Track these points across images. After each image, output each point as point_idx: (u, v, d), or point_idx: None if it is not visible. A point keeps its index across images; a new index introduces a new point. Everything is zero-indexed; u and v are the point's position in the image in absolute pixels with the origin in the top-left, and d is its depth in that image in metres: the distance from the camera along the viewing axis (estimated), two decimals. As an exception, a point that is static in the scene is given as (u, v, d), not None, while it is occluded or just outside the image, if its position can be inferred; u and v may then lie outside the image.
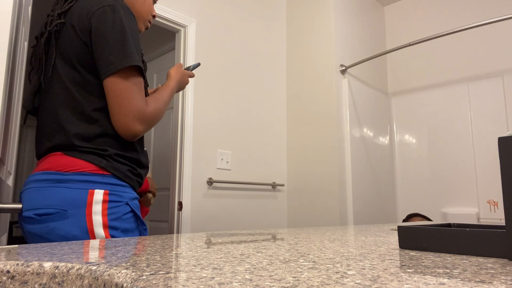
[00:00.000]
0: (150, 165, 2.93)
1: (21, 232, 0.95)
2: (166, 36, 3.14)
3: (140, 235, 0.99)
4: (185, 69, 1.23)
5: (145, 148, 1.10)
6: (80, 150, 0.93)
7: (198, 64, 1.29)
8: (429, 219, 2.66)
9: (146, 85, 1.08)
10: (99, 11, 0.93)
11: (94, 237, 0.89)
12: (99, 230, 0.89)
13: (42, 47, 1.01)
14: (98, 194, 0.90)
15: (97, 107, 0.95)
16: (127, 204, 0.96)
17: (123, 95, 0.91)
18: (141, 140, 1.07)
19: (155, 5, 2.23)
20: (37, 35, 1.05)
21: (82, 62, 0.94)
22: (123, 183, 0.96)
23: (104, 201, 0.91)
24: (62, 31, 0.97)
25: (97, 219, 0.89)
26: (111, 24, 0.92)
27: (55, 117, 0.95)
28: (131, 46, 0.93)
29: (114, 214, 0.92)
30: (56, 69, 0.97)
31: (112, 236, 0.91)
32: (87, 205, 0.89)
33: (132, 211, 0.97)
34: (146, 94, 1.07)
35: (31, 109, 1.06)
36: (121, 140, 0.98)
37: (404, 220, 2.61)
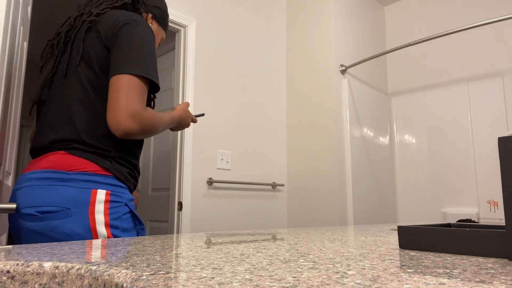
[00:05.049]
0: (150, 165, 2.94)
1: (13, 229, 0.96)
2: (166, 36, 3.14)
3: (137, 235, 1.02)
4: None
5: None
6: (84, 149, 0.95)
7: (203, 114, 1.39)
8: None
9: (153, 98, 1.14)
10: (123, 22, 0.99)
11: (96, 235, 0.91)
12: (101, 228, 0.92)
13: (70, 38, 1.04)
14: (101, 194, 0.93)
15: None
16: (126, 204, 0.99)
17: (124, 90, 0.93)
18: (140, 147, 1.10)
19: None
20: (60, 31, 1.08)
21: (100, 64, 0.98)
22: (123, 184, 1.00)
23: (106, 201, 0.94)
24: (88, 34, 1.01)
25: (100, 218, 0.92)
26: (131, 37, 0.97)
27: (67, 111, 0.98)
28: (147, 59, 0.97)
29: (115, 214, 0.95)
30: (76, 66, 1.00)
31: (113, 235, 0.94)
32: (90, 204, 0.92)
33: (130, 211, 1.00)
34: (151, 107, 1.11)
35: (37, 102, 1.08)
36: (125, 143, 1.02)
37: None
